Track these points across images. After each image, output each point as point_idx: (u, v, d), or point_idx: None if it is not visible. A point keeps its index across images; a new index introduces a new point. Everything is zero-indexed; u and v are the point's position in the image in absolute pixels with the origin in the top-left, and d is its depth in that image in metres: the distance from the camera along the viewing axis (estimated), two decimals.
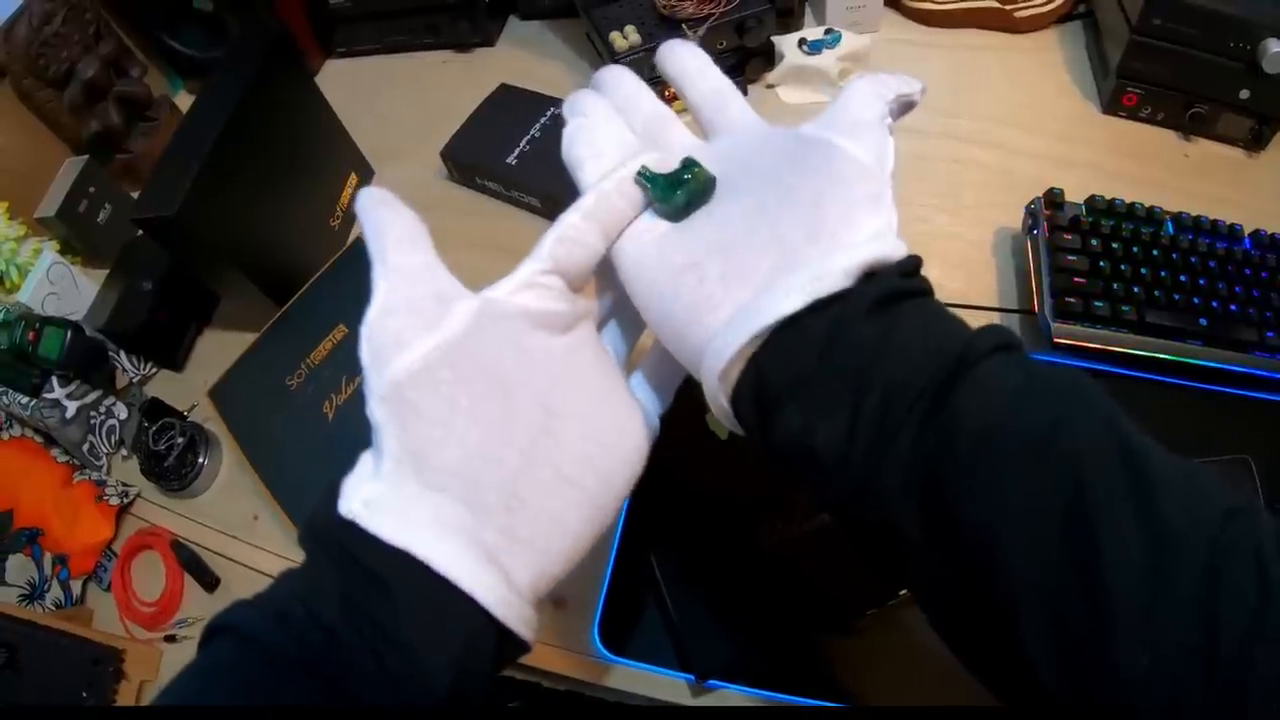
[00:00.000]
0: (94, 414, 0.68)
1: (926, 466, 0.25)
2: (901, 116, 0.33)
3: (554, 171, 0.34)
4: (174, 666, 0.60)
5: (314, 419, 0.63)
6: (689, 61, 0.36)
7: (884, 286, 0.27)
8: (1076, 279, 0.60)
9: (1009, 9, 0.83)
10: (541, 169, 0.76)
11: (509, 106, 0.81)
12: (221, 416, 0.66)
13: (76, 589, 0.64)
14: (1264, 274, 0.60)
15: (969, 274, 0.68)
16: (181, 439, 0.65)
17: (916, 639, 0.49)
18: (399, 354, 0.27)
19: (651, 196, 0.31)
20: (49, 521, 0.64)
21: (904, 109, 0.33)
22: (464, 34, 0.93)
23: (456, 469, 0.27)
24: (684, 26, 0.77)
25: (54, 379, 0.65)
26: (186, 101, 0.92)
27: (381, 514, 0.26)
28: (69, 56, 0.79)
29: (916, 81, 0.33)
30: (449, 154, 0.79)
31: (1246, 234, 0.63)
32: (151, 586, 0.63)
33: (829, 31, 0.80)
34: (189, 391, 0.72)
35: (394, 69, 0.96)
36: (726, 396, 0.28)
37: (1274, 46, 0.64)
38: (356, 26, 0.95)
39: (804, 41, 0.80)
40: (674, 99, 0.39)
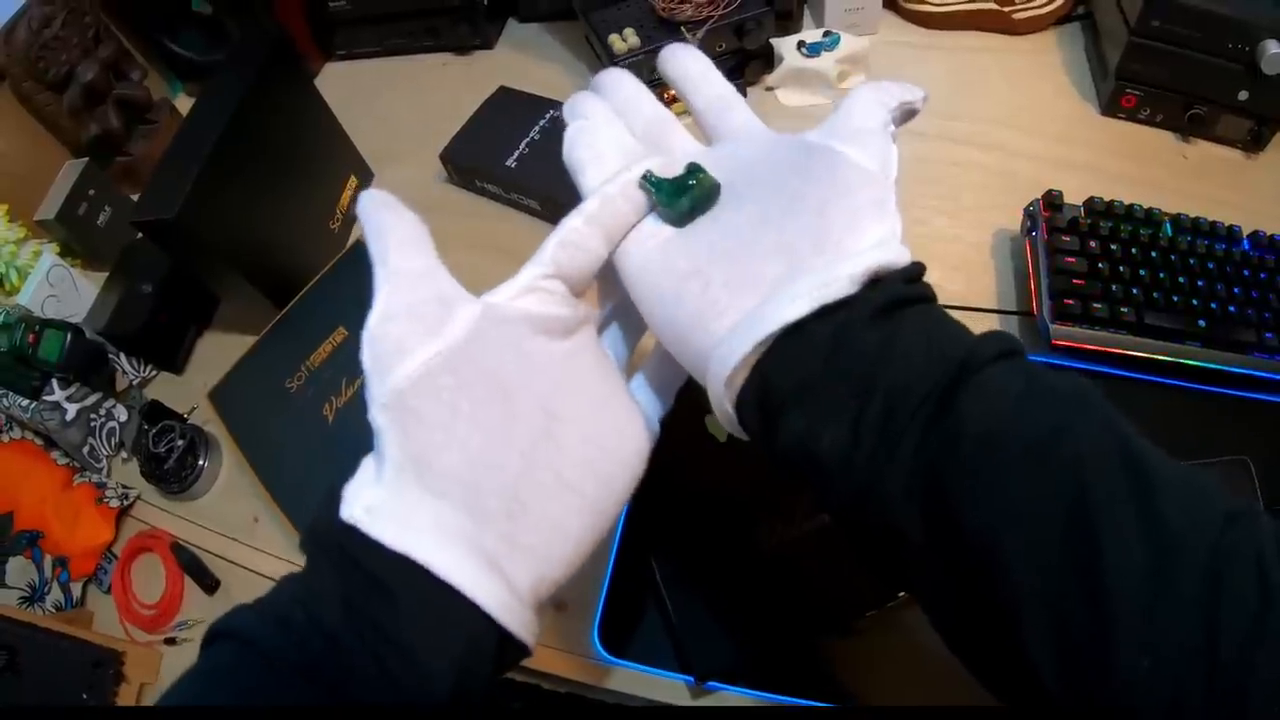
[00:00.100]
0: (94, 416, 0.68)
1: (929, 471, 0.25)
2: (904, 124, 0.34)
3: (554, 174, 0.34)
4: (174, 669, 0.60)
5: (314, 421, 0.63)
6: (691, 66, 0.36)
7: (888, 293, 0.27)
8: (1075, 280, 0.60)
9: (1007, 11, 0.83)
10: (541, 171, 0.76)
11: (508, 109, 0.81)
12: (221, 419, 0.66)
13: (77, 591, 0.64)
14: (1263, 275, 0.60)
15: (968, 276, 0.68)
16: (181, 441, 0.65)
17: (916, 640, 0.49)
18: (401, 360, 0.27)
19: (655, 201, 0.31)
20: (49, 524, 0.64)
21: (906, 116, 0.33)
22: (463, 37, 0.93)
23: (458, 475, 0.27)
24: (683, 29, 0.77)
25: (54, 381, 0.65)
26: (186, 104, 0.92)
27: (383, 520, 0.26)
28: (69, 59, 0.79)
29: (919, 89, 0.33)
30: (448, 156, 0.79)
31: (1245, 235, 0.63)
32: (152, 589, 0.63)
33: (828, 34, 0.80)
34: (189, 394, 0.72)
35: (393, 72, 0.96)
36: (731, 402, 0.28)
37: (1272, 48, 0.64)
38: (356, 29, 0.95)
39: (803, 44, 0.80)
40: (674, 101, 0.39)
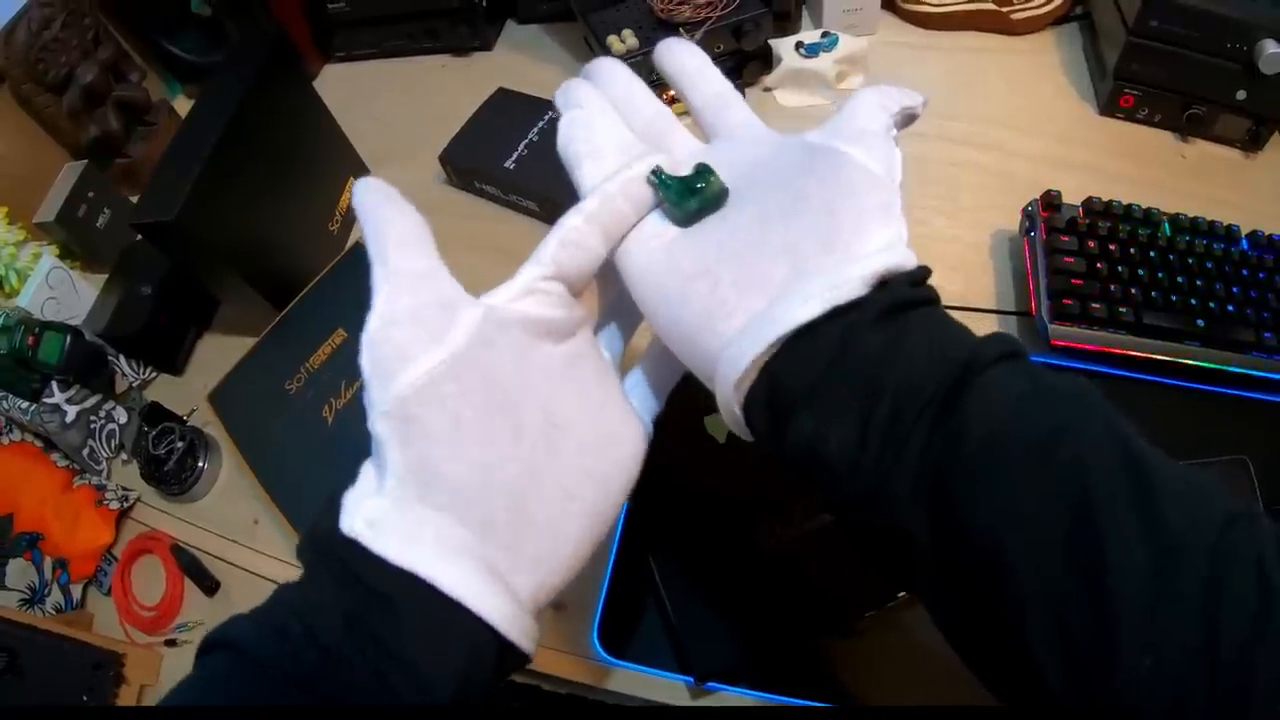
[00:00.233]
0: (94, 418, 0.68)
1: (935, 473, 0.25)
2: (904, 128, 0.34)
3: (552, 175, 0.34)
4: (174, 670, 0.60)
5: (313, 423, 0.63)
6: (688, 62, 0.36)
7: (895, 295, 0.27)
8: (1074, 280, 0.60)
9: (1006, 11, 0.83)
10: (540, 172, 0.76)
11: (507, 110, 0.81)
12: (221, 421, 0.66)
13: (77, 593, 0.64)
14: (1261, 274, 0.60)
15: (967, 276, 0.68)
16: (181, 443, 0.65)
17: (916, 640, 0.49)
18: (403, 368, 0.27)
19: (663, 199, 0.31)
20: (49, 526, 0.64)
21: (906, 121, 0.33)
22: (462, 38, 0.93)
23: (461, 487, 0.27)
24: (681, 30, 0.77)
25: (54, 383, 0.65)
26: (185, 106, 0.92)
27: (385, 534, 0.26)
28: (68, 61, 0.79)
29: (919, 95, 0.33)
30: (447, 158, 0.79)
31: (1244, 235, 0.63)
32: (152, 591, 0.63)
33: (826, 34, 0.80)
34: (189, 396, 0.72)
35: (392, 73, 0.96)
36: (739, 403, 0.28)
37: (1270, 47, 0.64)
38: (355, 31, 0.95)
39: (801, 45, 0.80)
40: (674, 101, 0.39)
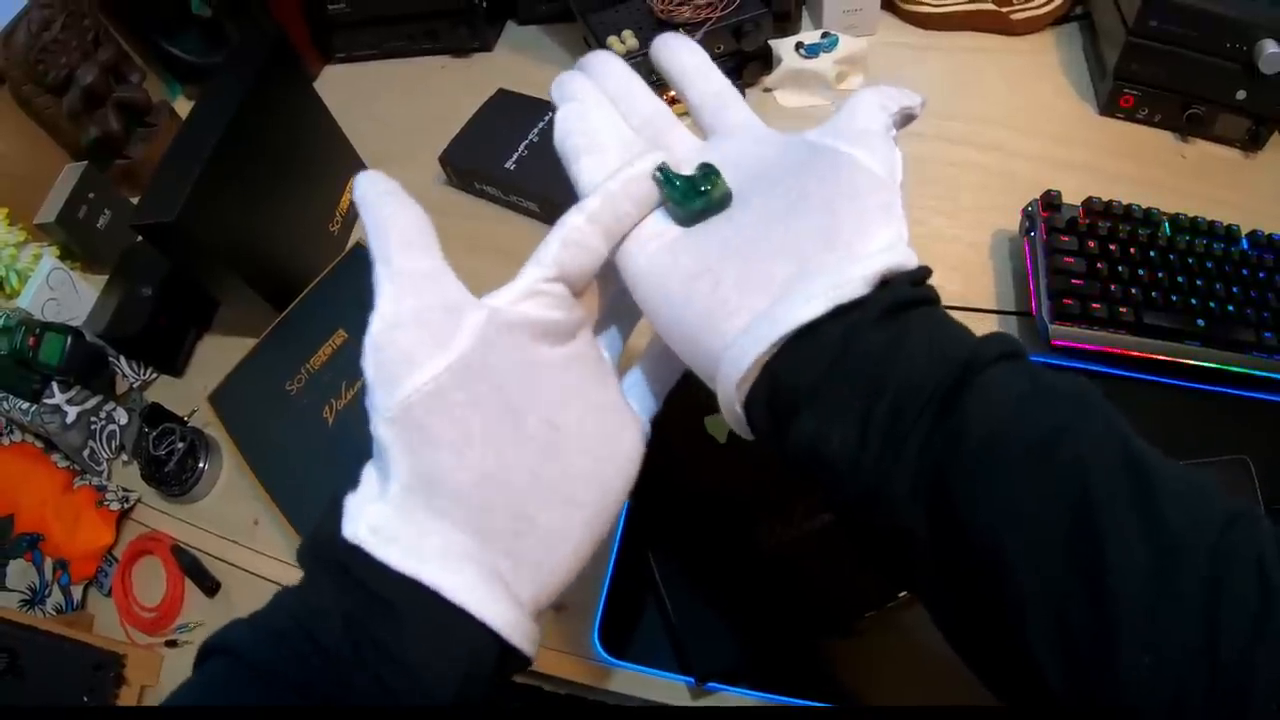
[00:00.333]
0: (94, 419, 0.68)
1: (934, 472, 0.25)
2: (903, 128, 0.34)
3: (553, 175, 0.34)
4: (174, 671, 0.60)
5: (314, 424, 0.63)
6: (686, 59, 0.36)
7: (895, 294, 0.27)
8: (1074, 280, 0.60)
9: (1005, 11, 0.83)
10: (540, 173, 0.76)
11: (507, 111, 0.81)
12: (221, 421, 0.66)
13: (77, 594, 0.64)
14: (1261, 274, 0.60)
15: (966, 276, 0.68)
16: (182, 444, 0.65)
17: (916, 640, 0.49)
18: (409, 373, 0.26)
19: (667, 197, 0.31)
20: (49, 527, 0.64)
21: (905, 121, 0.33)
22: (462, 39, 0.93)
23: (467, 495, 0.27)
24: (681, 31, 0.77)
25: (54, 384, 0.65)
26: (185, 107, 0.92)
27: (389, 541, 0.26)
28: (68, 63, 0.79)
29: (918, 95, 0.33)
30: (447, 159, 0.80)
31: (1244, 234, 0.63)
32: (152, 591, 0.63)
33: (826, 35, 0.80)
34: (189, 396, 0.72)
35: (392, 74, 0.96)
36: (740, 403, 0.28)
37: (1270, 47, 0.64)
38: (355, 32, 0.95)
39: (801, 45, 0.80)
40: (674, 102, 0.39)
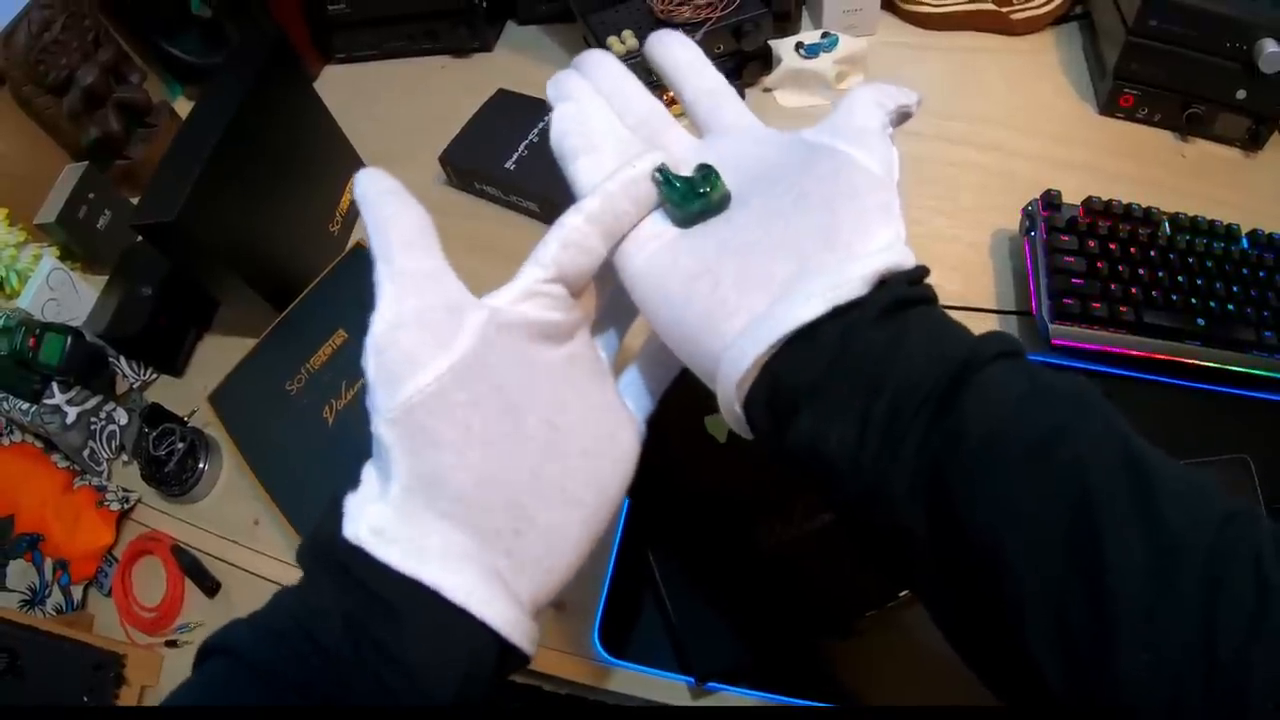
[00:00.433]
0: (94, 419, 0.68)
1: (933, 471, 0.25)
2: (899, 125, 0.34)
3: (553, 175, 0.34)
4: (175, 671, 0.60)
5: (314, 424, 0.63)
6: (680, 55, 0.36)
7: (894, 293, 0.27)
8: (1074, 280, 0.60)
9: (1005, 11, 0.83)
10: (540, 173, 0.76)
11: (507, 111, 0.81)
12: (221, 421, 0.66)
13: (77, 594, 0.64)
14: (1261, 273, 0.60)
15: (966, 276, 0.68)
16: (182, 444, 0.65)
17: (916, 640, 0.49)
18: (411, 374, 0.26)
19: (666, 198, 0.31)
20: (50, 527, 0.64)
21: (901, 118, 0.33)
22: (462, 39, 0.93)
23: (468, 496, 0.27)
24: (681, 31, 0.77)
25: (54, 385, 0.65)
26: (185, 107, 0.92)
27: (390, 542, 0.26)
28: (68, 63, 0.79)
29: (914, 93, 0.33)
30: (447, 159, 0.80)
31: (1244, 234, 0.63)
32: (152, 591, 0.63)
33: (826, 35, 0.80)
34: (189, 397, 0.72)
35: (392, 74, 0.96)
36: (741, 403, 0.28)
37: (1270, 46, 0.64)
38: (355, 32, 0.95)
39: (801, 45, 0.80)
40: (674, 102, 0.39)
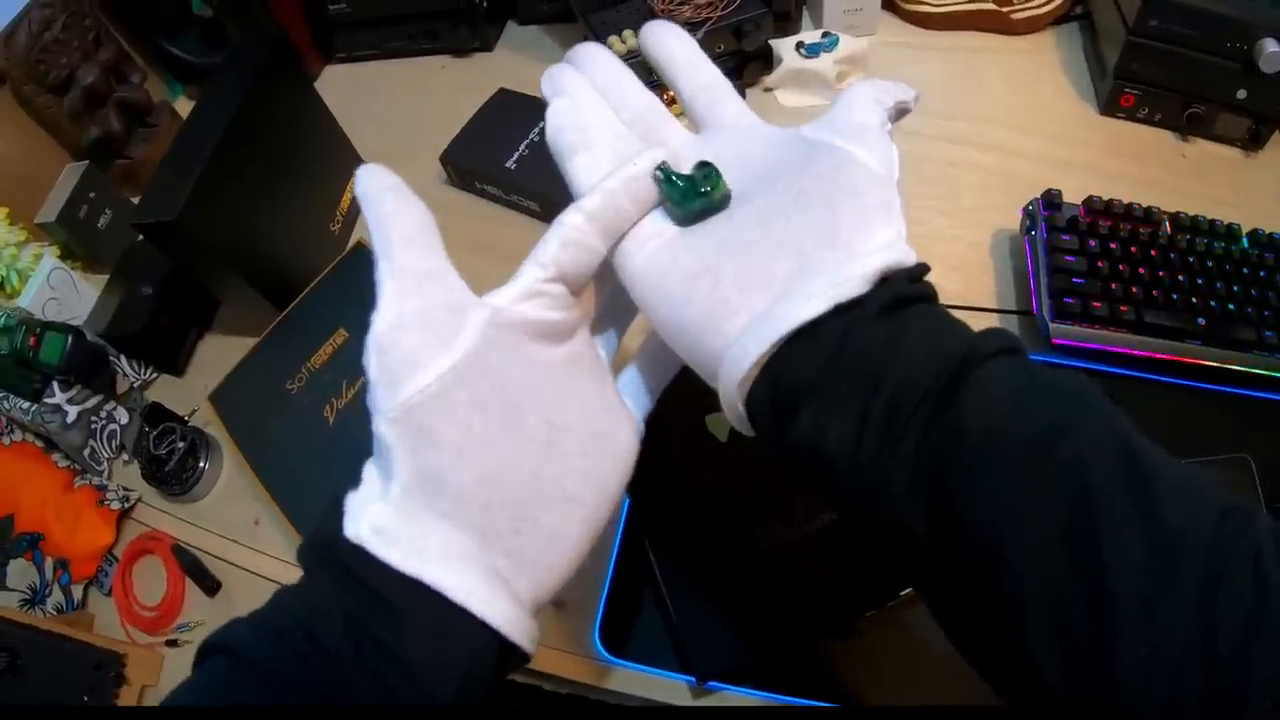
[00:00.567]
0: (95, 419, 0.68)
1: (932, 468, 0.25)
2: (896, 121, 0.34)
3: (553, 175, 0.34)
4: (175, 671, 0.60)
5: (315, 423, 0.63)
6: (674, 46, 0.35)
7: (894, 291, 0.27)
8: (1075, 279, 0.60)
9: (1006, 11, 0.83)
10: (540, 173, 0.76)
11: (507, 111, 0.81)
12: (222, 421, 0.66)
13: (78, 594, 0.64)
14: (1262, 273, 0.60)
15: (967, 276, 0.68)
16: (182, 443, 0.65)
17: (916, 640, 0.49)
18: (412, 374, 0.26)
19: (666, 197, 0.30)
20: (50, 526, 0.64)
21: (899, 114, 0.33)
22: (463, 39, 0.93)
23: (469, 495, 0.27)
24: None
25: (55, 384, 0.65)
26: (186, 107, 0.92)
27: (391, 542, 0.26)
28: (69, 63, 0.79)
29: (912, 89, 0.33)
30: (448, 158, 0.80)
31: (1244, 233, 0.63)
32: (153, 591, 0.63)
33: (826, 35, 0.80)
34: (190, 396, 0.72)
35: (393, 74, 0.96)
36: (743, 402, 0.28)
37: (1270, 46, 0.64)
38: (355, 32, 0.95)
39: (801, 45, 0.80)
40: (673, 102, 0.38)
